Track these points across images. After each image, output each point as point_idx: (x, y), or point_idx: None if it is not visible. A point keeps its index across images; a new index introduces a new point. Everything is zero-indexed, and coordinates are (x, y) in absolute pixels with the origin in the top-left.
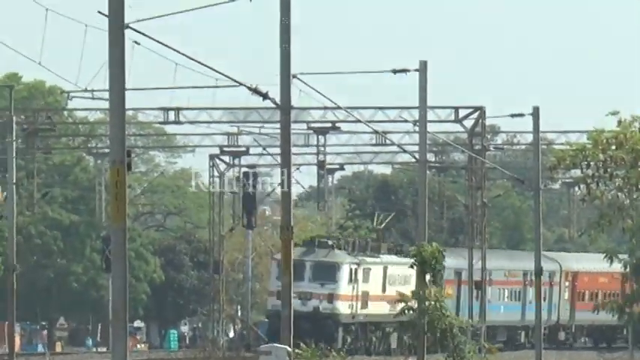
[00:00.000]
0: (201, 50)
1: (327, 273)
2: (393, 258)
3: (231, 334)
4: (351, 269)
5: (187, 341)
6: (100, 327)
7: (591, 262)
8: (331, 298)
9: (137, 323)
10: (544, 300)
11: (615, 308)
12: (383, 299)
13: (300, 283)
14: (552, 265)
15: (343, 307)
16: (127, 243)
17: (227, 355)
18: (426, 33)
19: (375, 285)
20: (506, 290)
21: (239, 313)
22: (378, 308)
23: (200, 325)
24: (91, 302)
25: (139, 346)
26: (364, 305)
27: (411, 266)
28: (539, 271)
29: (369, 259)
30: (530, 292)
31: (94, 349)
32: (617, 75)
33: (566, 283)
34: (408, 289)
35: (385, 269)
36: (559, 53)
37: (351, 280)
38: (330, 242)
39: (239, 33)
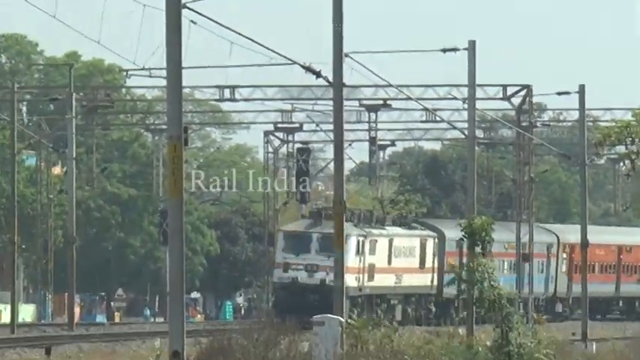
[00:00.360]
0: (255, 29)
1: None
2: (399, 230)
3: None
4: (358, 241)
5: (242, 312)
6: (157, 298)
7: (591, 235)
8: None
9: (194, 295)
10: (541, 272)
11: None
12: (389, 271)
13: (306, 255)
14: (549, 237)
15: (350, 280)
16: (184, 216)
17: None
18: (474, 12)
19: (381, 257)
20: (505, 262)
21: None
22: (384, 280)
23: (255, 296)
24: (148, 274)
25: (198, 316)
26: (370, 278)
27: (461, 239)
28: (585, 244)
29: (375, 231)
30: (526, 265)
31: (152, 320)
32: None
33: (564, 255)
34: (413, 261)
35: (391, 241)
36: (606, 32)
37: (358, 252)
38: None
39: (293, 12)
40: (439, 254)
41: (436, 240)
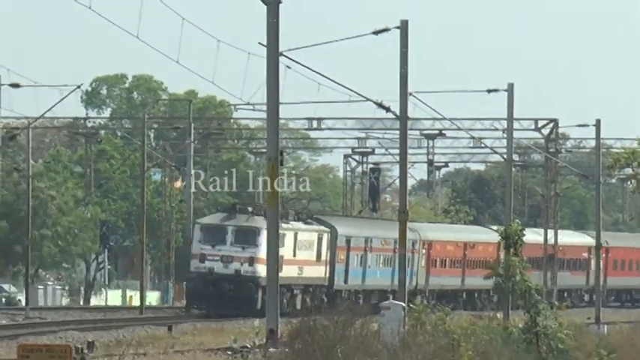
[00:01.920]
0: (337, 71)
1: (248, 237)
2: (301, 225)
3: None
4: None
5: None
6: None
7: (443, 232)
8: (252, 261)
9: None
10: (407, 266)
11: None
12: (293, 263)
13: (222, 246)
14: (413, 234)
15: (263, 270)
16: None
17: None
18: (512, 57)
19: (288, 250)
20: (381, 256)
21: None
22: (290, 272)
23: None
24: None
25: None
26: (280, 269)
27: (501, 240)
28: (598, 246)
29: (284, 225)
30: (398, 259)
31: None
32: None
33: (423, 251)
34: (311, 254)
35: (296, 235)
36: (620, 73)
37: None
38: (249, 208)
39: (368, 57)
40: (331, 248)
41: (329, 235)
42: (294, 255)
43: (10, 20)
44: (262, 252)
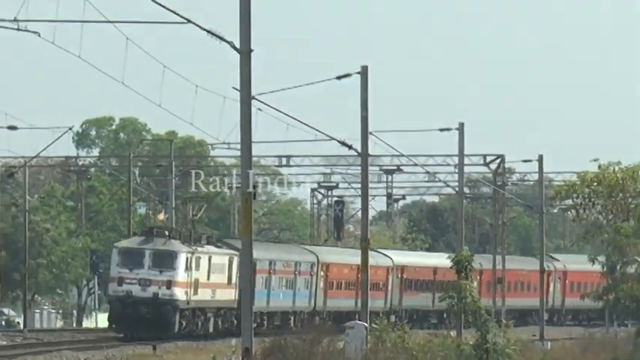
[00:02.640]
0: (304, 113)
1: (166, 261)
2: (213, 248)
3: None
4: (187, 257)
5: None
6: None
7: (341, 255)
8: (169, 284)
9: None
10: (306, 288)
11: (597, 297)
12: (207, 286)
13: (139, 270)
14: (311, 257)
15: (180, 294)
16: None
17: None
18: (462, 98)
19: (203, 273)
20: (284, 279)
21: None
22: (205, 294)
23: None
24: None
25: None
26: (195, 292)
27: (452, 267)
28: (542, 270)
29: (199, 249)
30: (298, 281)
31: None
32: (601, 127)
33: (321, 274)
34: (223, 277)
35: (210, 258)
36: (561, 112)
37: (187, 267)
38: (166, 232)
39: (333, 100)
40: (240, 271)
41: (238, 258)
42: (208, 278)
43: (7, 68)
44: (180, 275)
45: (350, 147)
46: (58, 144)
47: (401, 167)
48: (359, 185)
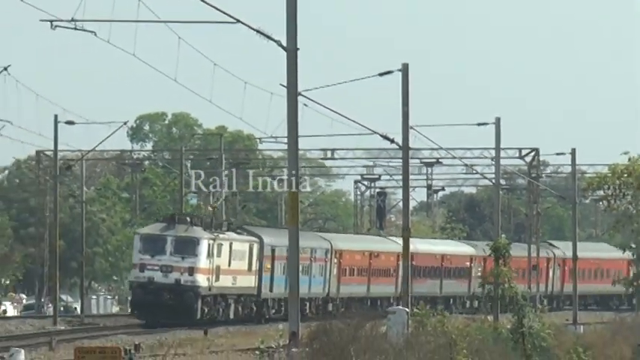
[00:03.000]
0: (348, 108)
1: (188, 247)
2: (235, 235)
3: None
4: (209, 244)
5: None
6: None
7: (353, 242)
8: (192, 271)
9: None
10: (321, 275)
11: (627, 283)
12: (228, 273)
13: (162, 256)
14: (325, 244)
15: (202, 280)
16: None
17: None
18: (499, 93)
19: (224, 259)
20: (300, 265)
21: None
22: (226, 281)
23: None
24: None
25: None
26: (217, 278)
27: (489, 255)
28: (575, 258)
29: (221, 235)
30: (314, 267)
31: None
32: (631, 121)
33: (335, 261)
34: (244, 264)
35: (231, 245)
36: (594, 106)
37: (209, 254)
38: (188, 219)
39: (375, 95)
40: (259, 258)
41: (258, 245)
42: (229, 265)
43: (65, 66)
44: (202, 262)
45: (392, 140)
46: (113, 138)
47: (440, 160)
48: (400, 177)
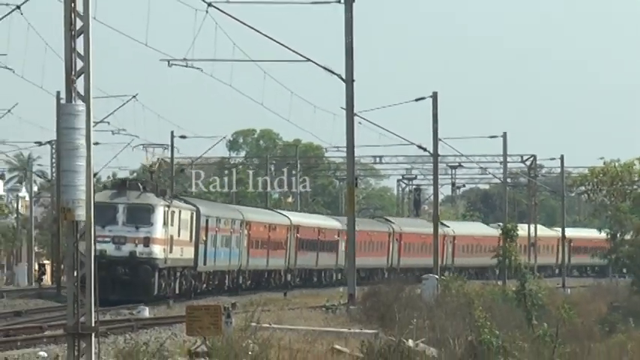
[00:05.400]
0: (393, 125)
1: (142, 215)
2: (182, 204)
3: None
4: (164, 211)
5: None
6: None
7: (260, 215)
8: (147, 241)
9: None
10: (236, 247)
11: (602, 256)
12: (179, 244)
13: (113, 226)
14: (238, 215)
15: (159, 252)
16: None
17: None
18: (506, 109)
19: (176, 229)
20: (224, 238)
21: None
22: (177, 253)
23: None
24: None
25: None
26: (171, 249)
27: (502, 234)
28: (563, 237)
29: (174, 202)
30: (233, 239)
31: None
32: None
33: (245, 232)
34: (188, 234)
35: (180, 213)
36: (581, 116)
37: (164, 222)
38: (140, 184)
39: (412, 115)
40: (197, 229)
41: (196, 215)
42: (179, 235)
43: (178, 93)
44: (158, 231)
45: (425, 149)
46: (215, 148)
47: (462, 164)
48: (431, 177)
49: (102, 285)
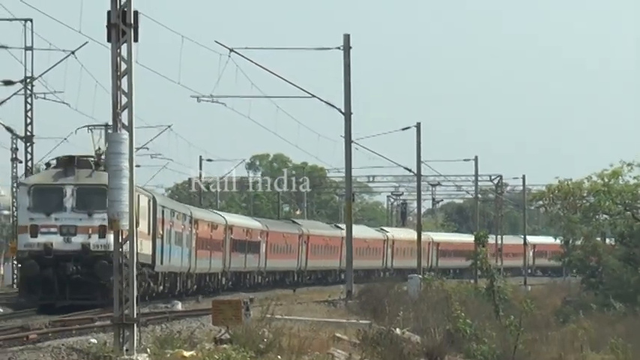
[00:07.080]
0: (384, 149)
1: (96, 199)
2: (139, 188)
3: None
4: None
5: None
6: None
7: (209, 215)
8: (104, 231)
9: None
10: (187, 246)
11: (557, 258)
12: (138, 236)
13: (60, 214)
14: (185, 210)
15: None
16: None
17: None
18: (478, 137)
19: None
20: (177, 234)
21: None
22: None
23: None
24: None
25: None
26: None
27: (475, 240)
28: (525, 243)
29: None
30: (193, 240)
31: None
32: (566, 154)
33: (194, 232)
34: (146, 225)
35: (139, 198)
36: (540, 140)
37: None
38: (92, 160)
39: (399, 143)
40: (154, 220)
41: (153, 204)
42: (138, 225)
43: (204, 125)
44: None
45: (410, 170)
46: (236, 169)
47: (440, 182)
48: (415, 193)
49: (48, 287)
